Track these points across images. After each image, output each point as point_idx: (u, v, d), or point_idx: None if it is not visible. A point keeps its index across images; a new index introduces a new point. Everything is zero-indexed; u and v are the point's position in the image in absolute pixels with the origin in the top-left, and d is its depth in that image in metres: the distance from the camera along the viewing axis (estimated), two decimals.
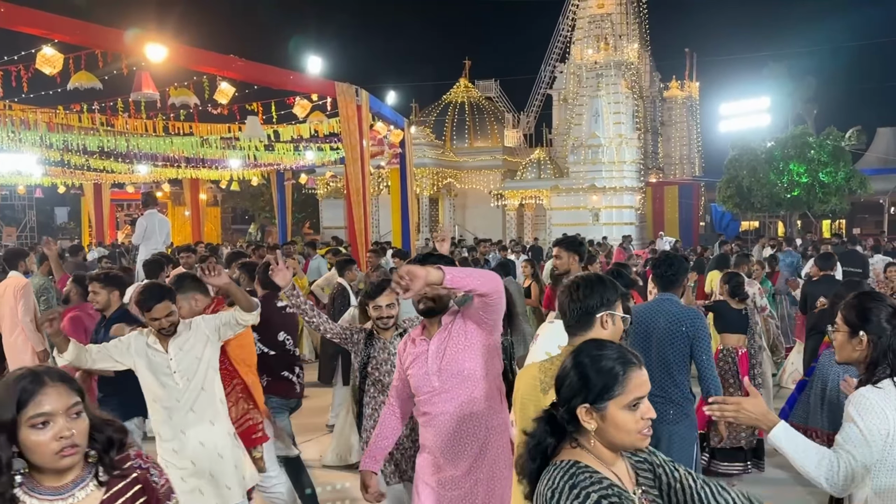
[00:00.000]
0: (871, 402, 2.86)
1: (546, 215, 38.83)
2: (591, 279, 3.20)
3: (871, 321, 3.05)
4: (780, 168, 34.09)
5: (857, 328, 3.07)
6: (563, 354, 3.11)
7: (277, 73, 14.04)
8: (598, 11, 39.18)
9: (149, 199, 13.70)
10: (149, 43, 10.99)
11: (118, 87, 13.56)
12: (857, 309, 3.11)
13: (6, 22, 9.90)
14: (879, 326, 3.02)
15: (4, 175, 24.15)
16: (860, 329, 3.06)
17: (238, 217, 54.89)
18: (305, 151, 22.22)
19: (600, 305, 3.11)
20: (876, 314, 3.05)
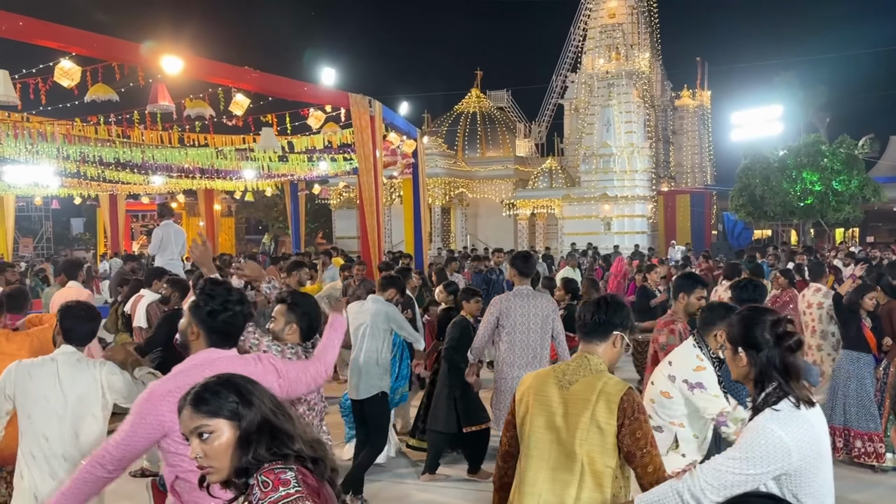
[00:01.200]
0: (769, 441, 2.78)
1: (558, 224, 38.87)
2: (621, 301, 3.46)
3: (749, 336, 2.97)
4: (792, 176, 34.04)
5: (737, 345, 3.02)
6: (587, 359, 3.32)
7: (292, 84, 14.13)
8: (609, 21, 39.31)
9: (164, 209, 13.84)
10: (165, 55, 11.10)
11: (134, 99, 13.66)
12: (737, 325, 3.05)
13: (25, 35, 10.03)
14: (758, 341, 2.94)
15: (22, 186, 24.35)
16: (739, 346, 3.01)
17: (252, 227, 55.12)
18: (319, 162, 22.34)
19: (619, 325, 3.37)
20: (754, 329, 2.96)
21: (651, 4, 41.86)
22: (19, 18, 9.81)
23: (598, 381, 3.23)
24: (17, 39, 9.95)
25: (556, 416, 3.23)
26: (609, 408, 3.15)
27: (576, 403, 3.21)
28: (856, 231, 44.37)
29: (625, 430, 3.13)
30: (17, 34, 9.87)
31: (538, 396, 3.30)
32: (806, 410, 2.83)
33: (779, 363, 2.90)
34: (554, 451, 3.21)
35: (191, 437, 2.30)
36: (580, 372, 3.28)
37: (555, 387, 3.28)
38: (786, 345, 2.90)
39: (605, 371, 3.32)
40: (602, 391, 3.18)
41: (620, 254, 24.59)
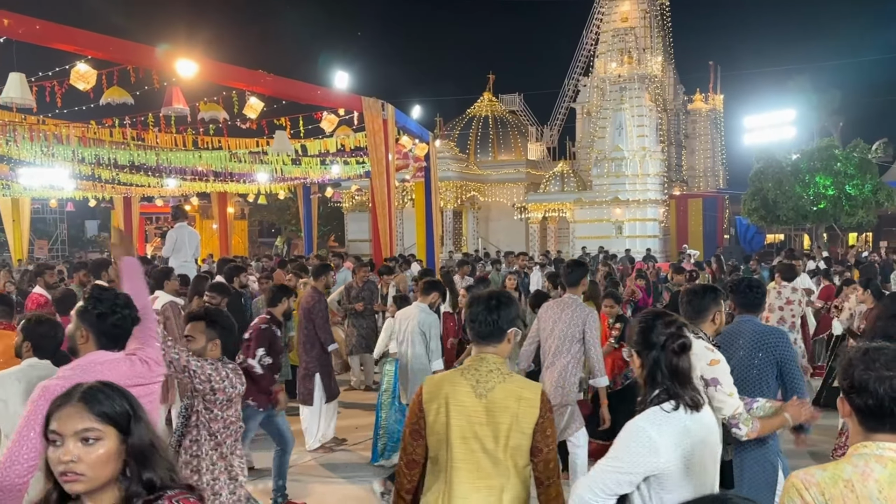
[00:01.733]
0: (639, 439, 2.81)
1: (569, 228, 38.86)
2: (511, 298, 3.46)
3: (642, 339, 3.02)
4: (805, 180, 33.90)
5: (632, 347, 3.08)
6: (490, 360, 3.33)
7: (305, 88, 14.23)
8: (622, 25, 39.31)
9: (178, 212, 13.95)
10: (179, 59, 11.21)
11: (149, 102, 13.75)
12: (635, 328, 3.09)
13: (42, 39, 10.15)
14: (650, 343, 2.97)
15: (37, 189, 24.53)
16: (633, 348, 3.06)
17: (265, 230, 55.31)
18: (332, 165, 22.42)
19: (513, 322, 3.40)
20: (649, 332, 3.00)
21: (664, 8, 41.85)
22: (36, 22, 9.93)
23: (514, 385, 3.28)
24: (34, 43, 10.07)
25: (476, 424, 3.24)
26: (532, 411, 3.22)
27: (498, 411, 3.23)
28: (869, 236, 44.13)
29: (538, 428, 3.21)
30: (35, 38, 10.00)
31: (455, 406, 3.26)
32: (685, 414, 2.84)
33: (665, 365, 2.93)
34: (481, 459, 3.23)
35: (67, 439, 2.10)
36: (493, 378, 3.29)
37: (471, 395, 3.26)
38: (671, 346, 2.93)
39: (511, 372, 3.38)
40: (523, 397, 3.24)
41: (634, 259, 24.55)
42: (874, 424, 2.28)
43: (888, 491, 2.15)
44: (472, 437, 3.23)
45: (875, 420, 2.27)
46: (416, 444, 3.35)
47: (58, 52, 10.77)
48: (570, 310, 6.54)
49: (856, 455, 2.27)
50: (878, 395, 2.24)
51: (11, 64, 10.47)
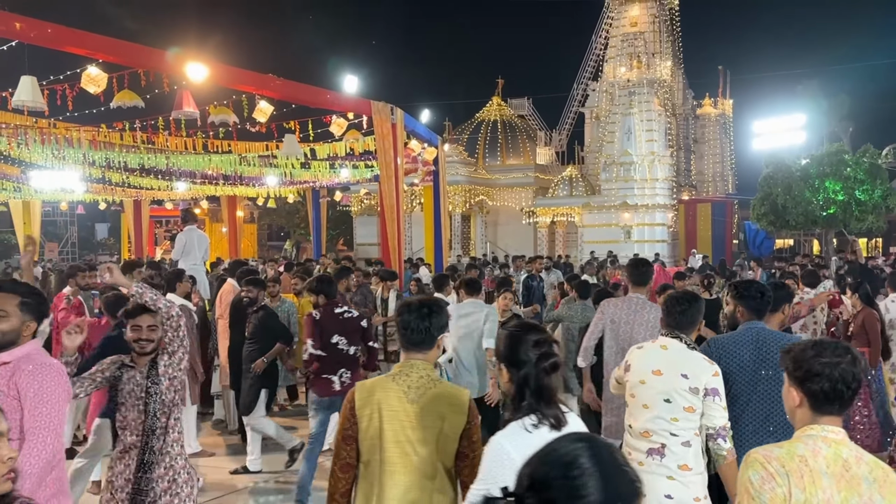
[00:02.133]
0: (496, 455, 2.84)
1: (578, 233, 38.85)
2: (441, 305, 3.55)
3: (511, 354, 3.04)
4: (815, 186, 33.81)
5: (501, 361, 3.11)
6: (420, 367, 3.41)
7: (315, 91, 14.25)
8: (631, 30, 39.32)
9: (188, 215, 14.01)
10: (190, 62, 11.24)
11: (160, 106, 13.79)
12: (504, 342, 3.11)
13: (54, 42, 10.20)
14: (520, 359, 2.99)
15: (48, 191, 24.62)
16: (503, 362, 3.09)
17: (274, 234, 55.45)
18: (341, 169, 22.46)
19: (444, 328, 3.51)
20: (518, 347, 3.02)
21: (673, 13, 41.83)
22: (48, 26, 9.98)
23: (443, 390, 3.39)
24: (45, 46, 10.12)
25: (408, 429, 3.33)
26: (460, 417, 3.33)
27: (428, 416, 3.32)
28: (879, 241, 44.01)
29: (465, 433, 3.33)
30: (46, 41, 10.04)
31: (388, 412, 3.35)
32: (549, 433, 2.84)
33: (533, 382, 2.97)
34: (413, 463, 3.32)
35: None
36: (423, 384, 3.38)
37: (403, 401, 3.35)
38: (542, 366, 2.97)
39: (442, 379, 3.48)
40: (453, 403, 3.35)
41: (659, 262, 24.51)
42: (824, 408, 2.62)
43: (833, 467, 2.52)
44: (405, 441, 3.32)
45: (826, 403, 2.61)
46: (350, 449, 3.41)
47: (69, 56, 10.81)
48: (647, 311, 6.53)
49: (805, 436, 2.62)
50: (832, 379, 2.58)
51: (23, 67, 10.51)
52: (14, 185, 23.47)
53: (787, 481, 2.50)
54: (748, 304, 4.93)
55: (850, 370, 2.59)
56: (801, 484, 2.50)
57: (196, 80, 11.37)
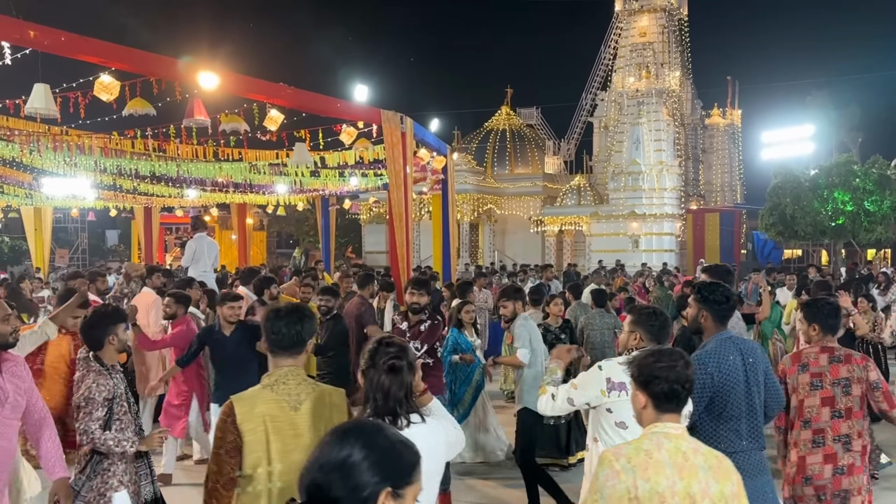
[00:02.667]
0: None
1: (586, 241, 38.87)
2: (310, 313, 3.62)
3: (369, 359, 3.20)
4: (824, 196, 33.74)
5: (361, 367, 3.25)
6: (295, 373, 3.46)
7: (325, 100, 14.30)
8: (639, 40, 39.43)
9: (198, 222, 14.10)
10: (201, 71, 11.29)
11: (171, 114, 13.79)
12: (365, 354, 3.25)
13: (67, 50, 10.26)
14: (375, 364, 3.16)
15: (60, 198, 24.76)
16: (361, 367, 3.24)
17: (283, 241, 55.59)
18: (350, 177, 22.53)
19: (310, 334, 3.57)
20: (375, 353, 3.19)
21: (682, 24, 41.90)
22: (62, 34, 10.05)
23: (323, 394, 3.47)
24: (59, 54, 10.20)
25: (294, 437, 3.37)
26: (341, 416, 3.45)
27: (312, 421, 3.39)
28: (887, 252, 43.85)
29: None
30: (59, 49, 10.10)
31: (273, 423, 3.36)
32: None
33: (375, 384, 3.14)
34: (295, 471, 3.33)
35: None
36: (301, 390, 3.43)
37: (286, 410, 3.38)
38: (382, 367, 3.14)
39: (317, 382, 3.56)
40: (333, 403, 3.46)
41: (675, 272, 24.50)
42: (666, 406, 3.04)
43: (675, 458, 2.90)
44: (292, 449, 3.34)
45: (667, 402, 3.03)
46: (234, 462, 3.38)
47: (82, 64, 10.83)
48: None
49: (650, 433, 3.02)
50: (669, 380, 3.01)
51: (37, 75, 10.59)
52: (26, 191, 23.60)
53: (633, 475, 2.85)
54: (714, 309, 4.67)
55: (684, 373, 3.05)
56: (646, 475, 2.85)
57: (208, 88, 11.43)
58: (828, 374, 4.94)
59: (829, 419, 4.90)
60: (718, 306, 4.65)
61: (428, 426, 3.11)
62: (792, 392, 5.04)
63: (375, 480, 1.87)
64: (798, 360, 5.06)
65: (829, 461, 4.85)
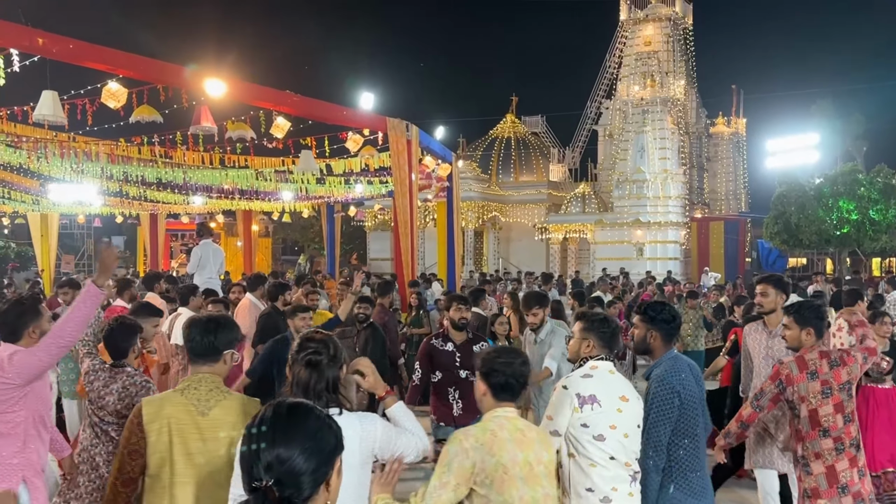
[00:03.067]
0: None
1: (590, 249, 38.87)
2: (229, 322, 3.73)
3: (291, 356, 3.35)
4: (829, 205, 33.75)
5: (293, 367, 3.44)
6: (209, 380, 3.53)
7: (331, 108, 14.38)
8: (645, 49, 39.46)
9: (203, 229, 14.11)
10: (208, 78, 11.37)
11: (178, 121, 13.86)
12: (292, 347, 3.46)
13: (75, 58, 10.33)
14: (294, 361, 3.31)
15: (66, 204, 24.84)
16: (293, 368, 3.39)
17: (288, 248, 55.64)
18: (356, 185, 22.60)
19: (229, 344, 3.63)
20: (298, 350, 3.33)
21: (687, 33, 41.93)
22: (70, 41, 10.13)
23: (235, 402, 3.52)
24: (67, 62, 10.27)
25: (199, 441, 3.41)
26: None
27: (219, 427, 3.43)
28: (893, 261, 43.80)
29: None
30: (68, 57, 10.18)
31: (178, 425, 3.43)
32: None
33: (295, 377, 3.28)
34: (204, 475, 3.40)
35: None
36: (214, 396, 3.49)
37: (192, 414, 3.44)
38: (300, 360, 3.28)
39: (232, 391, 3.61)
40: (245, 412, 3.47)
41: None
42: (503, 396, 3.63)
43: (514, 435, 3.54)
44: (196, 452, 3.40)
45: (503, 392, 3.62)
46: (135, 464, 3.46)
47: (90, 71, 10.90)
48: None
49: (493, 417, 3.60)
50: (506, 374, 3.60)
51: (45, 82, 10.65)
52: (33, 197, 23.69)
53: (480, 453, 3.42)
54: (664, 329, 4.57)
55: (520, 369, 3.66)
56: (493, 450, 3.44)
57: (214, 95, 11.50)
58: (832, 380, 4.91)
59: (843, 425, 4.88)
60: (668, 325, 4.57)
61: (343, 419, 3.11)
62: (800, 402, 4.91)
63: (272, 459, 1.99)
64: (805, 368, 4.95)
65: (853, 465, 4.87)
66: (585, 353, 4.31)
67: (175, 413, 3.43)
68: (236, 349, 3.70)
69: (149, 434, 3.43)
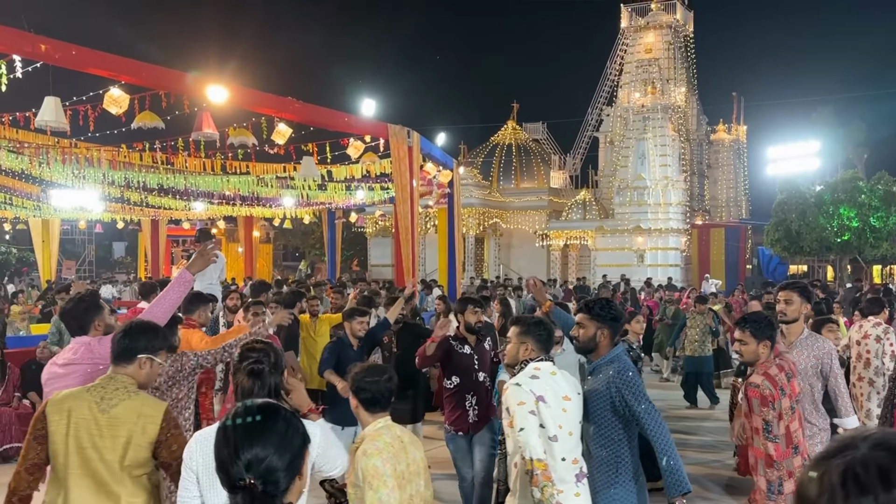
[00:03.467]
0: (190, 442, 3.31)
1: (591, 256, 38.88)
2: (148, 327, 3.90)
3: (234, 365, 3.61)
4: (829, 212, 33.73)
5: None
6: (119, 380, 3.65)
7: (333, 115, 14.40)
8: (646, 56, 39.54)
9: (203, 235, 14.08)
10: (210, 85, 11.40)
11: (180, 127, 13.89)
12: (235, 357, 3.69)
13: (78, 64, 10.37)
14: (237, 370, 3.53)
15: (67, 210, 24.87)
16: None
17: (289, 254, 55.71)
18: (357, 191, 22.62)
19: (144, 349, 3.75)
20: (239, 359, 3.57)
21: (688, 40, 42.01)
22: (72, 48, 10.16)
23: (137, 403, 3.61)
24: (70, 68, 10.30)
25: (95, 437, 3.52)
26: (152, 427, 3.58)
27: (118, 425, 3.54)
28: (894, 268, 43.76)
29: (162, 445, 3.59)
30: (71, 63, 10.22)
31: (77, 419, 3.54)
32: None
33: (238, 385, 3.52)
34: (98, 469, 3.51)
35: None
36: (118, 395, 3.60)
37: (94, 410, 3.55)
38: (244, 370, 3.50)
39: (140, 391, 3.70)
40: (144, 413, 3.58)
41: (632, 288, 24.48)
42: (372, 409, 3.79)
43: (401, 440, 3.71)
44: (91, 447, 3.51)
45: (372, 406, 3.78)
46: (39, 450, 3.59)
47: (92, 77, 10.92)
48: (813, 344, 5.91)
49: (381, 428, 3.74)
50: (372, 391, 3.76)
51: (47, 88, 10.69)
52: (34, 203, 23.73)
53: (394, 461, 3.56)
54: (613, 327, 4.59)
55: (385, 386, 3.80)
56: (399, 458, 3.60)
57: (216, 102, 11.53)
58: (793, 393, 4.78)
59: (802, 437, 4.79)
60: (616, 323, 4.60)
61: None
62: (779, 420, 4.68)
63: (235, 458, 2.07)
64: (776, 384, 4.70)
65: None
66: (524, 357, 4.41)
67: (76, 407, 3.56)
68: (158, 355, 3.84)
69: (50, 423, 3.56)
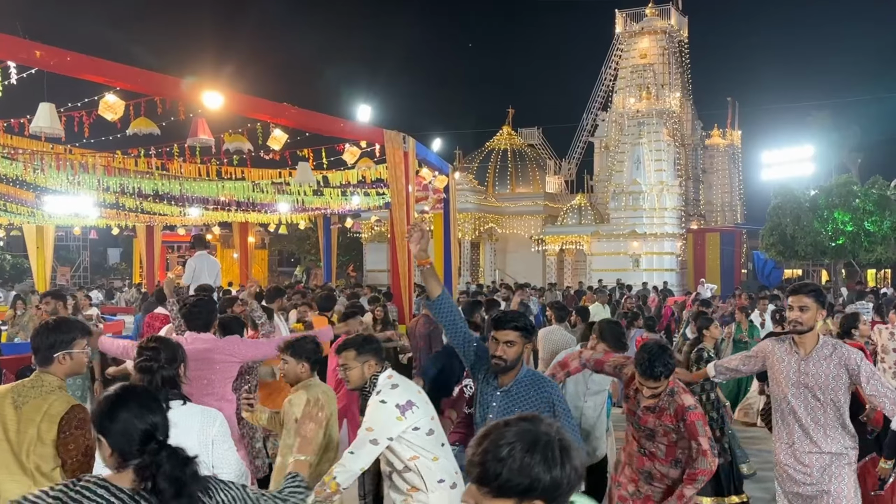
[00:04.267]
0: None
1: (586, 261, 38.90)
2: (60, 324, 3.98)
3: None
4: (824, 216, 33.73)
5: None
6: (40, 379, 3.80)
7: (329, 120, 14.38)
8: (640, 62, 39.64)
9: (198, 241, 14.03)
10: (206, 91, 11.37)
11: (175, 133, 13.84)
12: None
13: (73, 70, 10.32)
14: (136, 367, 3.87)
15: (62, 216, 24.81)
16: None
17: (284, 260, 55.64)
18: (352, 196, 22.60)
19: (58, 345, 3.87)
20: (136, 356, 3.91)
21: (682, 45, 42.12)
22: (67, 54, 10.12)
23: (45, 402, 3.74)
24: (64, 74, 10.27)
25: (10, 431, 3.69)
26: (52, 426, 3.68)
27: (26, 422, 3.69)
28: (888, 272, 43.85)
29: (60, 443, 3.69)
30: (65, 69, 10.17)
31: (2, 415, 3.72)
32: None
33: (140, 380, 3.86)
34: (10, 463, 3.67)
35: None
36: (31, 393, 3.76)
37: (10, 406, 3.73)
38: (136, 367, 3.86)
39: (56, 390, 3.81)
40: (47, 412, 3.70)
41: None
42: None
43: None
44: (3, 440, 3.68)
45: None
46: None
47: (87, 83, 10.88)
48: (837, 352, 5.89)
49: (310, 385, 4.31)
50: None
51: (42, 94, 10.66)
52: (28, 209, 23.67)
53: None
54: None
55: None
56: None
57: (212, 107, 11.50)
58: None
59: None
60: (532, 336, 4.70)
61: (184, 409, 3.78)
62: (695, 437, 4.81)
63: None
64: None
65: None
66: (370, 373, 4.54)
67: (2, 403, 3.74)
68: (74, 346, 3.91)
69: None
